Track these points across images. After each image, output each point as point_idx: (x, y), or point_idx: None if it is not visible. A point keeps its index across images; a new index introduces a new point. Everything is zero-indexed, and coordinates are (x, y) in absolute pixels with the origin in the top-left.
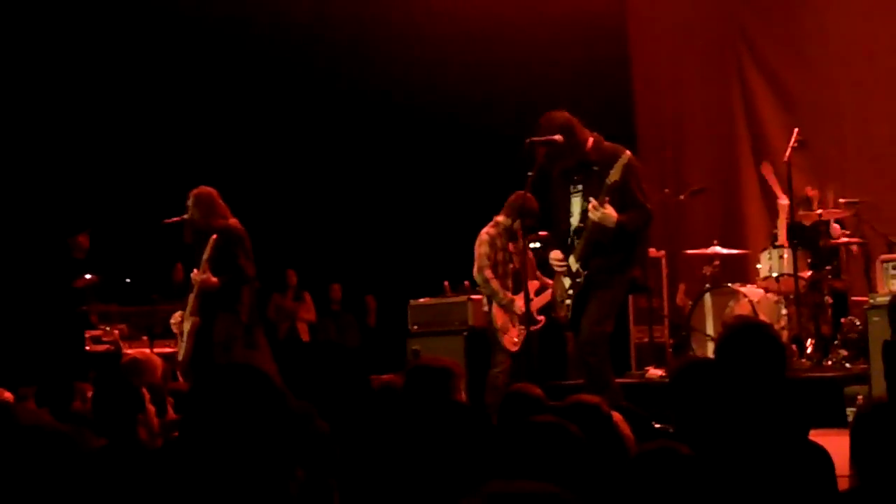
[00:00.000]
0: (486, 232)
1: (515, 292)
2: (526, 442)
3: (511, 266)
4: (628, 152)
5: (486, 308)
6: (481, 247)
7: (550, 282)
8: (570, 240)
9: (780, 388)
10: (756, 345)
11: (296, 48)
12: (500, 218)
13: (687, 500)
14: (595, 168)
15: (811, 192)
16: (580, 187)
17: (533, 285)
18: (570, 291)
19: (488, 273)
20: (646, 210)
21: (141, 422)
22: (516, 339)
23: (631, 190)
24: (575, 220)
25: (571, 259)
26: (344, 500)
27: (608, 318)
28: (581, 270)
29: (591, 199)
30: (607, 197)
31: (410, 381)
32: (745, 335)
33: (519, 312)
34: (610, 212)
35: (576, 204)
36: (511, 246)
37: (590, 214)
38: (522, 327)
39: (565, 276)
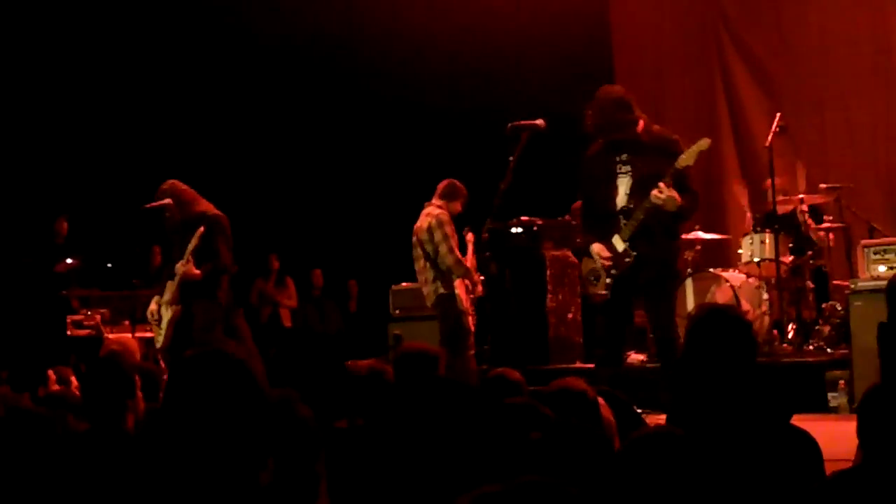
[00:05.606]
0: (443, 213)
1: None
2: (502, 424)
3: None
4: (707, 140)
5: (440, 291)
6: (447, 227)
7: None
8: (617, 219)
9: (752, 372)
10: (722, 330)
11: (277, 34)
12: (439, 202)
13: (687, 481)
14: (645, 149)
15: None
16: (628, 167)
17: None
18: (614, 271)
19: (459, 253)
20: (697, 197)
21: (130, 408)
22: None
23: (689, 176)
24: (622, 200)
25: (617, 238)
26: (336, 490)
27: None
28: (629, 251)
29: (660, 183)
30: (670, 180)
31: (400, 368)
32: (710, 321)
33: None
34: (675, 195)
35: (622, 183)
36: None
37: (653, 198)
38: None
39: (608, 267)
